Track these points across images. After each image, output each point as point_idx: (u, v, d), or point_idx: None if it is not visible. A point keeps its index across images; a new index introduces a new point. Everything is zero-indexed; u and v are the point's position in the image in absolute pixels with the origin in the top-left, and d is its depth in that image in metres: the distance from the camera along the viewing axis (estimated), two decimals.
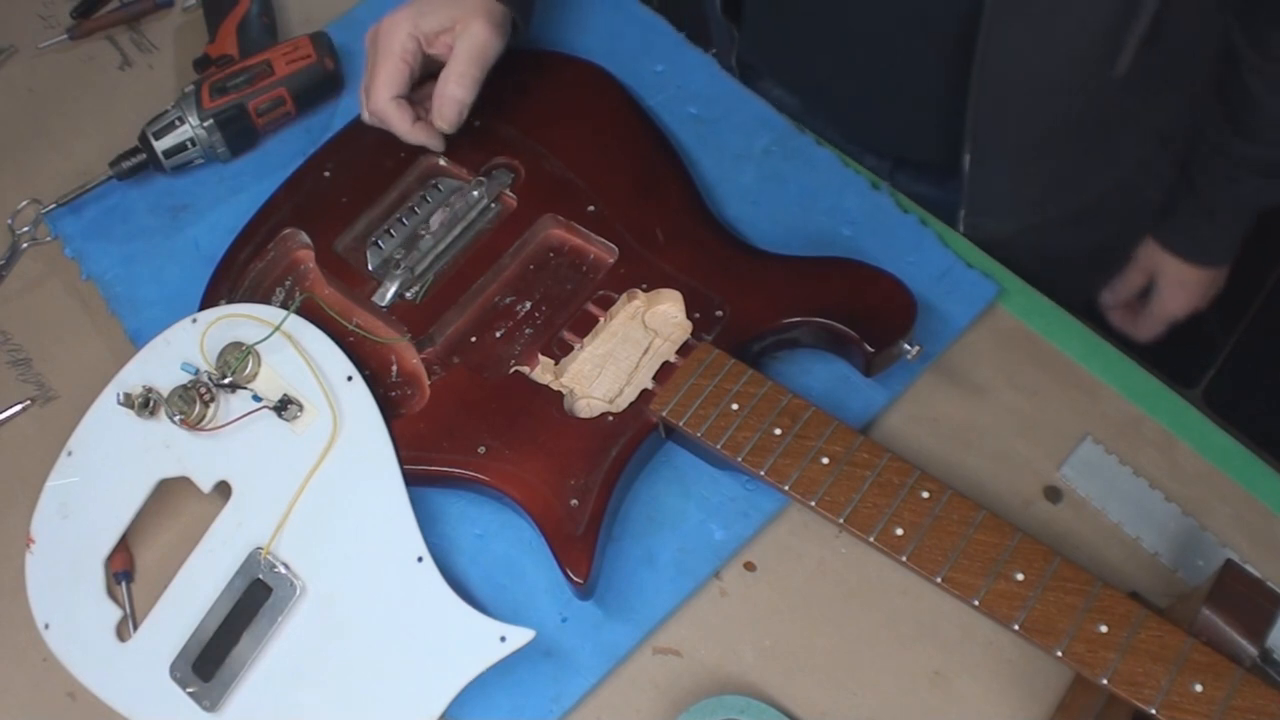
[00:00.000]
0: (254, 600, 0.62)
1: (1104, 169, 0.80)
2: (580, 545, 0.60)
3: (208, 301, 0.73)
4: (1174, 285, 0.89)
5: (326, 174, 0.78)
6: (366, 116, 0.76)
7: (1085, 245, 0.86)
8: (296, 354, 0.68)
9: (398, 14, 0.74)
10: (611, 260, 0.70)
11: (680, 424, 0.61)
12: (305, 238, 0.75)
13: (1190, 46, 0.74)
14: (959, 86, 0.72)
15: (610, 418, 0.64)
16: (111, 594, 0.66)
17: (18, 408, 0.76)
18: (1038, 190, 0.80)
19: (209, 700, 0.60)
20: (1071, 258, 0.79)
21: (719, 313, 0.66)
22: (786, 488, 0.58)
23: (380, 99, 0.73)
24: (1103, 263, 0.92)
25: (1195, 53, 0.75)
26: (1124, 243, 0.91)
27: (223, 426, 0.67)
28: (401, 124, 0.74)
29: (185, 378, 0.68)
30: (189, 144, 0.80)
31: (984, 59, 0.69)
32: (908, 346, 0.64)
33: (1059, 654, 0.51)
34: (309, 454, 0.65)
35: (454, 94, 0.73)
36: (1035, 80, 0.71)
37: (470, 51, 0.73)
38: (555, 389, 0.66)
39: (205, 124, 0.79)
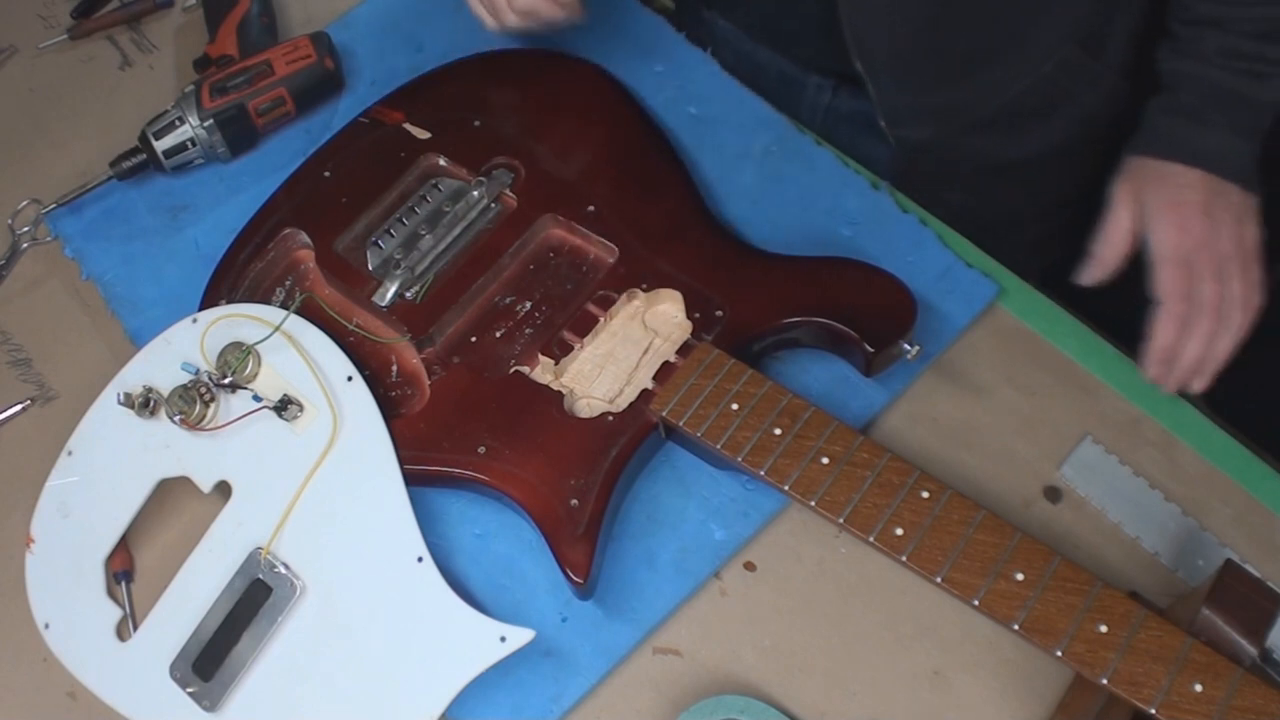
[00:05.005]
0: (254, 600, 0.62)
1: (1015, 64, 0.77)
2: (580, 545, 0.60)
3: (208, 301, 0.73)
4: (1165, 207, 0.67)
5: (326, 174, 0.78)
6: (511, 19, 0.75)
7: (1023, 155, 0.82)
8: (296, 354, 0.68)
9: None
10: (611, 260, 0.70)
11: (680, 424, 0.61)
12: (305, 238, 0.75)
13: None
14: None
15: (610, 418, 0.64)
16: (111, 594, 0.66)
17: (18, 408, 0.76)
18: (937, 84, 0.78)
19: (209, 700, 0.60)
20: (1023, 201, 0.76)
21: (719, 313, 0.66)
22: (786, 488, 0.58)
23: None
24: (1061, 191, 0.88)
25: None
26: (1079, 159, 0.85)
27: (223, 426, 0.67)
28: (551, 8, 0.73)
29: (185, 378, 0.68)
30: (189, 144, 0.80)
31: None
32: (908, 346, 0.64)
33: (1059, 654, 0.51)
34: (309, 454, 0.65)
35: None
36: None
37: None
38: (555, 389, 0.66)
39: (205, 124, 0.79)
